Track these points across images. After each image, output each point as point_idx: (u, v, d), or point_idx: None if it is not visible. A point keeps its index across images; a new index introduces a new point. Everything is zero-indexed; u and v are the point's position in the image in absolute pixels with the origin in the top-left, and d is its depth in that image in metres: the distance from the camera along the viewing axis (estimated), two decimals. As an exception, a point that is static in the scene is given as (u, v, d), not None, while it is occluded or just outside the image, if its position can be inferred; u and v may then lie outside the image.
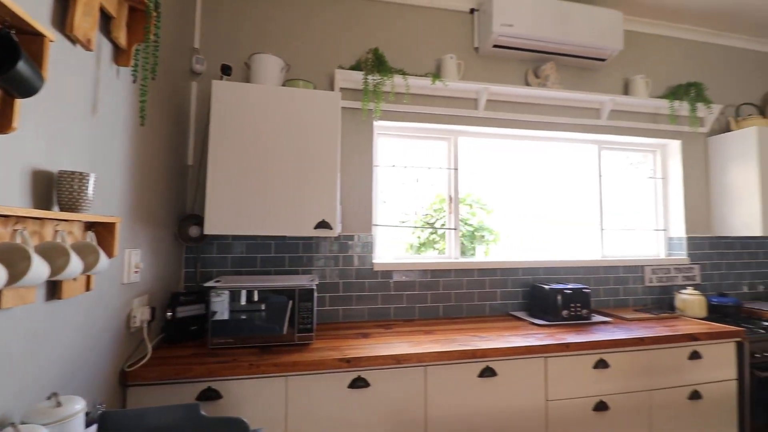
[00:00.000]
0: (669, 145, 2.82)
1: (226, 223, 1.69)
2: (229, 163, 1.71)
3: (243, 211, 1.71)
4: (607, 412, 1.78)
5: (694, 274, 2.69)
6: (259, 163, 1.74)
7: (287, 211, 1.75)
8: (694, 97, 2.66)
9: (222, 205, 1.69)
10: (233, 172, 1.71)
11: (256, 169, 1.73)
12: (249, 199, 1.72)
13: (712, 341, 1.95)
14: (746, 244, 2.84)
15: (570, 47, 2.41)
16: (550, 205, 2.74)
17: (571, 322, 2.08)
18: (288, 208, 1.75)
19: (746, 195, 2.53)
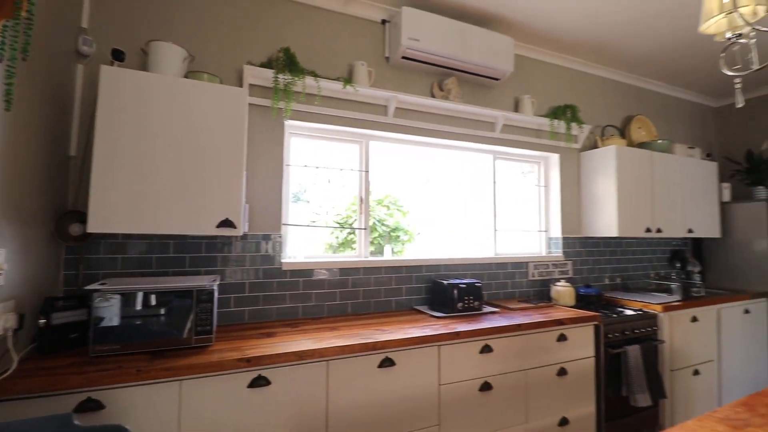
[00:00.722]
0: (550, 157, 3.26)
1: (113, 220, 1.57)
2: (119, 156, 1.59)
3: (134, 208, 1.60)
4: (491, 392, 2.01)
5: (568, 268, 3.14)
6: (155, 158, 1.65)
7: (186, 209, 1.68)
8: (569, 118, 3.10)
9: (109, 200, 1.57)
10: (123, 166, 1.60)
11: (150, 163, 1.64)
12: (141, 195, 1.61)
13: (576, 325, 2.31)
14: (608, 243, 3.39)
15: (469, 65, 2.66)
16: (453, 207, 2.99)
17: (464, 314, 2.30)
18: (187, 205, 1.69)
19: (607, 202, 3.03)
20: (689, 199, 3.40)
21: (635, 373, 2.38)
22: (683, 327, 2.77)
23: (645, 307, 2.72)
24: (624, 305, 2.82)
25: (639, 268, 3.58)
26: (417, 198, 2.91)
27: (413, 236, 3.19)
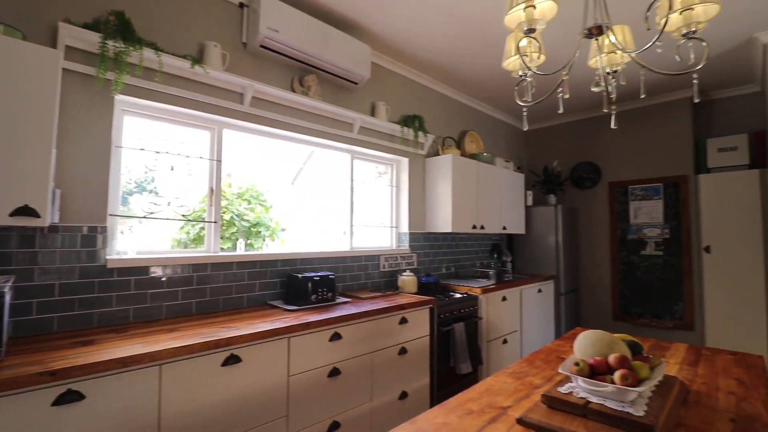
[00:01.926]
0: (401, 161, 3.60)
1: None
2: None
3: None
4: (339, 376, 2.13)
5: (413, 260, 3.53)
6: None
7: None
8: (417, 127, 3.49)
9: None
10: None
11: None
12: None
13: (415, 309, 2.62)
14: (445, 238, 3.92)
15: (330, 65, 2.75)
16: (317, 204, 3.04)
17: (318, 305, 2.38)
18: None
19: (444, 203, 3.51)
20: (504, 202, 4.19)
21: (460, 346, 2.84)
22: (496, 305, 3.41)
23: (469, 290, 3.25)
24: (455, 290, 3.32)
25: (468, 258, 4.25)
26: (282, 193, 2.88)
27: (276, 232, 3.13)
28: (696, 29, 1.24)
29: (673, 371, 1.66)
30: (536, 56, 1.54)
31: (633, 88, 3.97)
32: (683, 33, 1.25)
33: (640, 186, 4.32)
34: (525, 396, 1.39)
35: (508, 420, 1.20)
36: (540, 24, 1.26)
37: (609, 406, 1.14)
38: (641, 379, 1.19)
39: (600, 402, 1.17)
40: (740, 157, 3.76)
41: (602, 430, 1.08)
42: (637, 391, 1.12)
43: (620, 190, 4.47)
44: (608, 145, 4.61)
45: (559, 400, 1.20)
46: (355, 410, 2.21)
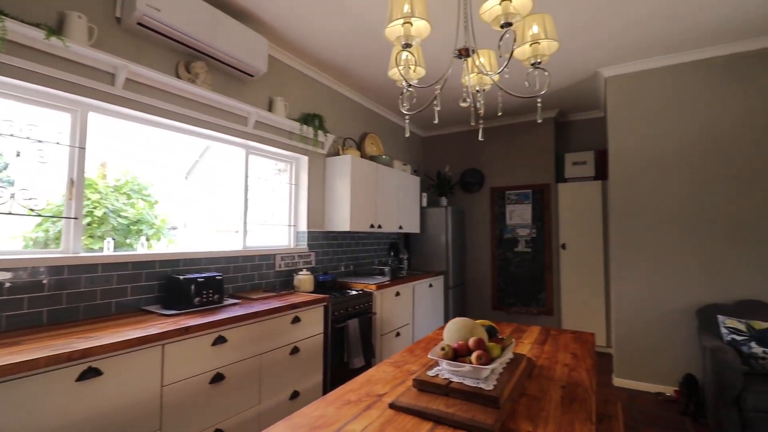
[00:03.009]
0: (300, 159, 3.56)
1: None
2: None
3: None
4: (223, 382, 2.03)
5: (311, 259, 3.52)
6: None
7: None
8: (317, 126, 3.48)
9: None
10: None
11: None
12: None
13: (309, 307, 2.63)
14: (344, 236, 3.99)
15: (221, 54, 2.60)
16: (209, 199, 2.84)
17: (202, 308, 2.23)
18: None
19: (343, 202, 3.57)
20: (401, 203, 4.42)
21: (353, 341, 2.92)
22: (390, 300, 3.58)
23: (365, 287, 3.36)
24: (351, 287, 3.40)
25: (367, 257, 4.38)
26: (173, 188, 2.62)
27: (162, 230, 2.84)
28: (541, 60, 1.47)
29: (526, 350, 1.95)
30: (413, 69, 1.66)
31: (509, 106, 4.52)
32: (531, 62, 1.48)
33: (515, 191, 4.94)
34: (401, 382, 1.50)
35: (382, 406, 1.29)
36: (416, 40, 1.37)
37: (467, 384, 1.30)
38: (493, 358, 1.38)
39: (460, 381, 1.32)
40: (588, 170, 4.55)
41: (460, 404, 1.22)
42: (488, 368, 1.30)
43: (499, 195, 5.05)
44: (490, 155, 5.17)
45: (427, 382, 1.33)
46: (241, 415, 2.13)
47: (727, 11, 2.65)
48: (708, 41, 3.06)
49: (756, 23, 2.80)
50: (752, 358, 2.52)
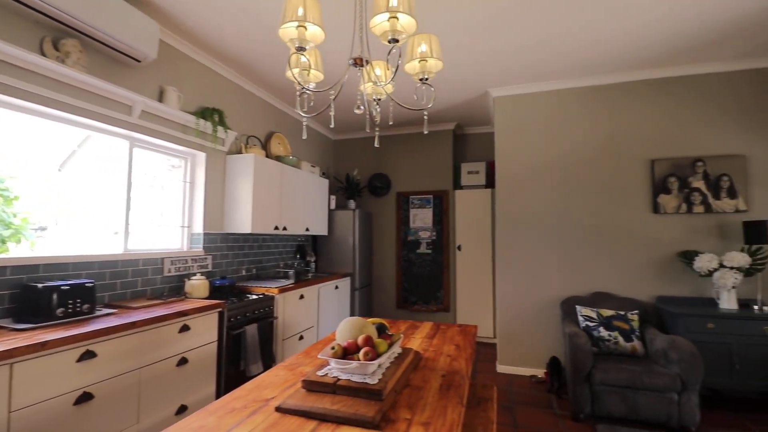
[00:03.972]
0: (197, 155, 3.32)
1: None
2: None
3: None
4: (92, 402, 1.81)
5: (207, 263, 3.30)
6: None
7: None
8: (217, 121, 3.29)
9: None
10: None
11: None
12: None
13: (200, 314, 2.46)
14: (246, 238, 3.82)
15: (100, 33, 2.31)
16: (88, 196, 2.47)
17: (66, 320, 1.96)
18: None
19: (244, 202, 3.42)
20: (308, 205, 4.38)
21: (252, 347, 2.81)
22: (294, 304, 3.53)
23: (266, 291, 3.26)
24: (252, 292, 3.27)
25: (272, 259, 4.25)
26: (43, 183, 2.22)
27: (23, 231, 2.39)
28: (428, 77, 1.61)
29: (416, 344, 2.09)
30: (308, 72, 1.68)
31: (414, 116, 4.79)
32: (420, 78, 1.61)
33: (418, 196, 5.24)
34: (292, 385, 1.50)
35: (269, 410, 1.28)
36: (310, 45, 1.40)
37: (354, 380, 1.35)
38: (380, 354, 1.46)
39: (348, 378, 1.37)
40: (480, 179, 5.03)
41: (346, 401, 1.27)
42: (374, 363, 1.37)
43: (404, 199, 5.31)
44: (397, 161, 5.40)
45: (315, 382, 1.35)
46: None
47: (595, 52, 3.17)
48: (580, 73, 3.62)
49: (615, 62, 3.39)
50: (601, 341, 3.04)
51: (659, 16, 2.69)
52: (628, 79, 3.59)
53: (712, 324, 2.90)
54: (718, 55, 3.24)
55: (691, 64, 3.40)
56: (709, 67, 3.38)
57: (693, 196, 3.33)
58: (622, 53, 3.21)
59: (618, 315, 3.12)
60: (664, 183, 3.41)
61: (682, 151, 3.42)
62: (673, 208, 3.37)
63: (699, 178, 3.32)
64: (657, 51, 3.16)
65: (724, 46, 3.08)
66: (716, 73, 3.39)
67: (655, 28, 2.84)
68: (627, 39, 2.99)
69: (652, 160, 3.48)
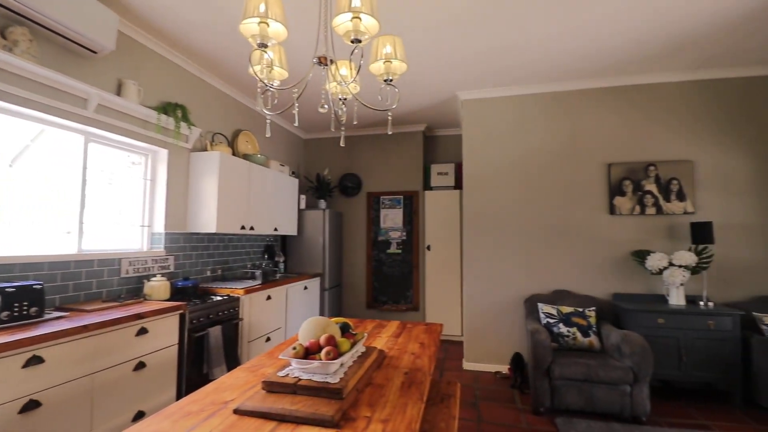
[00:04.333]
0: (159, 152, 3.21)
1: None
2: None
3: None
4: (39, 410, 1.71)
5: (169, 263, 3.19)
6: None
7: None
8: (180, 117, 3.19)
9: None
10: None
11: None
12: None
13: (160, 317, 2.38)
14: (211, 238, 3.72)
15: (53, 22, 2.19)
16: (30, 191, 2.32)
17: (11, 324, 1.84)
18: None
19: (209, 201, 3.33)
20: (277, 204, 4.32)
21: (215, 350, 2.75)
22: (260, 305, 3.46)
23: (231, 292, 3.19)
24: (216, 293, 3.19)
25: (239, 260, 4.16)
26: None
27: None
28: (392, 78, 1.63)
29: (382, 343, 2.10)
30: (270, 70, 1.66)
31: (383, 116, 4.81)
32: (384, 79, 1.62)
33: (388, 197, 5.27)
34: (253, 387, 1.48)
35: (226, 413, 1.25)
36: (272, 41, 1.38)
37: (315, 380, 1.35)
38: (342, 353, 1.46)
39: (309, 377, 1.37)
40: (449, 180, 5.11)
41: (306, 401, 1.27)
42: (336, 362, 1.38)
43: (375, 199, 5.33)
44: (368, 161, 5.41)
45: (275, 383, 1.34)
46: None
47: (557, 61, 3.29)
48: (543, 79, 3.74)
49: (575, 70, 3.53)
50: (560, 337, 3.16)
51: (616, 30, 2.83)
52: (588, 86, 3.75)
53: (662, 319, 3.08)
54: (670, 66, 3.44)
55: (646, 74, 3.59)
56: (662, 77, 3.59)
57: (646, 198, 3.53)
58: (582, 62, 3.35)
59: (577, 312, 3.26)
60: (619, 186, 3.59)
61: (636, 156, 3.62)
62: (628, 209, 3.56)
63: (651, 182, 3.53)
64: (614, 61, 3.33)
65: (676, 57, 3.28)
66: (668, 83, 3.60)
67: (612, 41, 2.98)
68: (586, 50, 3.13)
69: (608, 164, 3.66)
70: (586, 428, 2.65)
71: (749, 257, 3.36)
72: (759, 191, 3.38)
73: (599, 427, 2.65)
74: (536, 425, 2.73)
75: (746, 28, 2.83)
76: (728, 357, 2.96)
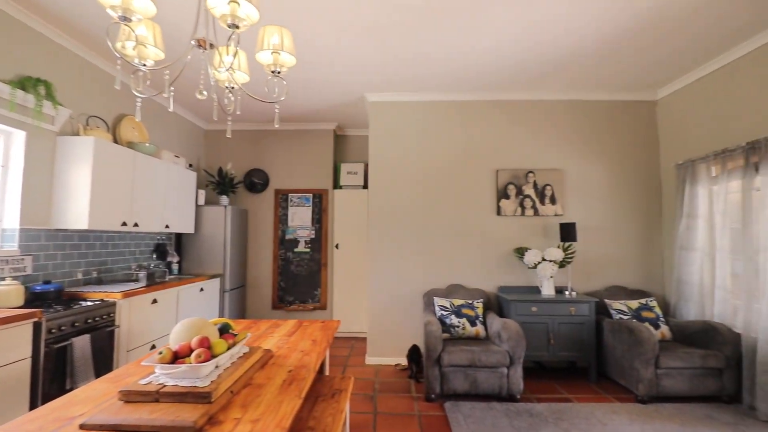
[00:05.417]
0: (14, 134, 2.72)
1: None
2: None
3: None
4: None
5: (25, 265, 2.73)
6: None
7: None
8: (43, 94, 2.74)
9: None
10: None
11: None
12: None
13: (5, 326, 2.02)
14: (84, 236, 3.27)
15: None
16: None
17: None
18: None
19: (80, 193, 2.92)
20: (169, 199, 3.96)
21: (81, 362, 2.42)
22: (143, 310, 3.14)
23: (106, 296, 2.84)
24: (86, 298, 2.81)
25: (121, 260, 3.72)
26: None
27: None
28: (280, 70, 1.60)
29: (272, 342, 2.05)
30: (133, 47, 1.52)
31: (293, 112, 4.71)
32: (272, 70, 1.58)
33: (297, 194, 5.17)
34: (110, 398, 1.33)
35: (71, 429, 1.11)
36: (136, 16, 1.26)
37: (182, 385, 1.27)
38: (216, 355, 1.39)
39: (175, 383, 1.28)
40: (359, 180, 5.19)
41: (167, 408, 1.18)
42: (208, 365, 1.31)
43: (283, 197, 5.18)
44: (276, 157, 5.24)
45: (134, 392, 1.23)
46: None
47: (453, 76, 3.53)
48: (443, 89, 3.99)
49: (470, 83, 3.82)
50: (452, 327, 3.41)
51: (505, 54, 3.14)
52: (481, 98, 4.11)
53: (535, 308, 3.50)
54: (547, 87, 3.93)
55: (529, 92, 4.05)
56: (541, 95, 4.08)
57: (526, 201, 3.98)
58: (479, 77, 3.66)
59: (467, 304, 3.55)
60: (505, 190, 4.00)
61: (519, 164, 4.06)
62: (512, 211, 3.98)
63: (530, 187, 3.99)
64: (504, 79, 3.70)
65: (550, 80, 3.75)
66: (545, 100, 4.11)
67: (503, 62, 3.31)
68: (483, 67, 3.43)
69: (497, 170, 4.05)
70: (470, 409, 2.89)
71: (603, 253, 3.98)
72: (611, 198, 4.03)
73: (481, 407, 2.92)
74: (427, 411, 2.91)
75: (600, 61, 3.35)
76: (586, 338, 3.48)
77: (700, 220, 3.43)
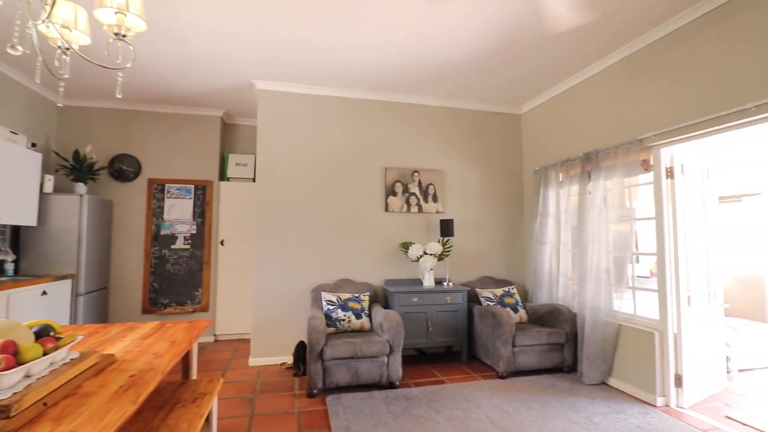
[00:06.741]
0: None
1: None
2: None
3: None
4: None
5: None
6: None
7: None
8: None
9: None
10: None
11: None
12: None
13: None
14: None
15: None
16: None
17: None
18: None
19: None
20: (2, 185, 3.25)
21: None
22: (-48, 319, 2.52)
23: None
24: None
25: None
26: None
27: None
28: (126, 33, 1.41)
29: (121, 346, 1.81)
30: None
31: (173, 93, 4.25)
32: (115, 32, 1.39)
33: (176, 185, 4.69)
34: None
35: None
36: None
37: (-31, 401, 1.03)
38: (24, 362, 1.17)
39: (-41, 400, 1.04)
40: (248, 172, 4.92)
41: (-57, 430, 0.95)
42: (11, 373, 1.09)
43: (158, 187, 4.65)
44: (151, 142, 4.68)
45: None
46: None
47: (339, 68, 3.54)
48: (334, 84, 3.98)
49: (360, 81, 3.88)
50: (338, 321, 3.43)
51: (390, 55, 3.27)
52: (373, 98, 4.23)
53: (416, 298, 3.72)
54: (431, 92, 4.21)
55: (416, 95, 4.29)
56: (427, 100, 4.36)
57: (411, 198, 4.21)
58: (367, 74, 3.75)
59: (353, 297, 3.61)
60: (392, 187, 4.18)
61: (406, 163, 4.28)
62: (398, 207, 4.18)
63: (415, 186, 4.23)
64: (393, 80, 3.85)
65: (433, 87, 4.03)
66: (431, 105, 4.40)
67: (390, 63, 3.44)
68: (369, 64, 3.51)
69: (385, 168, 4.20)
70: (351, 400, 2.94)
71: (476, 247, 4.42)
72: (484, 198, 4.49)
73: (361, 397, 2.99)
74: (308, 407, 2.88)
75: (477, 73, 3.70)
76: (459, 324, 3.81)
77: (550, 218, 4.03)
